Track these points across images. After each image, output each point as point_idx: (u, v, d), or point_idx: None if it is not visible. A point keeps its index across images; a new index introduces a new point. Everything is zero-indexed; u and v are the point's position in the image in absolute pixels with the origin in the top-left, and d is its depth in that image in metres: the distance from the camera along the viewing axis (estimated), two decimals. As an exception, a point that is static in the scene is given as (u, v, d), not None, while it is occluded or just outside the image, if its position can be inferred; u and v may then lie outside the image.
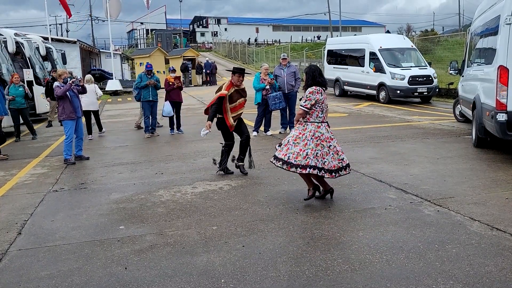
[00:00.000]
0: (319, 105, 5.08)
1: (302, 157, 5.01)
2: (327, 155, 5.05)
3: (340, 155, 5.16)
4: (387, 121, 12.16)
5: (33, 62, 15.81)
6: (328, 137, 5.11)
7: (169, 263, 3.84)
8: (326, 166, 5.03)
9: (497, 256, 3.70)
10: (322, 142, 5.05)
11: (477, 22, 9.35)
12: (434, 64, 18.93)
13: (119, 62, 39.37)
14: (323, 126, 5.13)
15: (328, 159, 5.05)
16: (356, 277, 3.45)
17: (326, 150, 5.06)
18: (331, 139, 5.14)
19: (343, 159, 5.17)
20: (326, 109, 5.20)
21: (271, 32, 78.74)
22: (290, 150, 5.12)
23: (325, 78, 5.31)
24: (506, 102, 6.77)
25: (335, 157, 5.09)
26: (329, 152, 5.07)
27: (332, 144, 5.12)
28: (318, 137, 5.06)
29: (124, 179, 6.92)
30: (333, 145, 5.13)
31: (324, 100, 5.13)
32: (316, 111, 5.10)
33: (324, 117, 5.16)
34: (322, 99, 5.08)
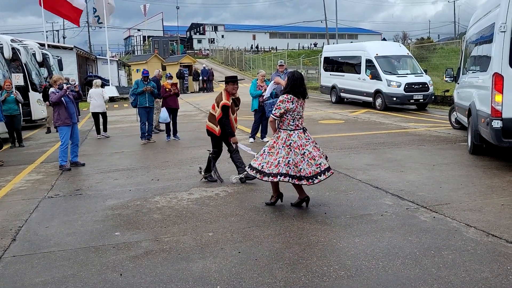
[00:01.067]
0: (290, 114, 5.02)
1: (274, 165, 5.01)
2: (301, 163, 4.96)
3: (317, 160, 5.00)
4: (383, 128, 12.19)
5: (29, 68, 15.78)
6: (301, 145, 5.00)
7: (165, 269, 3.82)
8: (302, 173, 4.95)
9: (493, 262, 3.70)
10: (295, 150, 4.98)
11: (472, 30, 9.42)
12: (430, 72, 19.04)
13: (116, 68, 39.39)
14: (295, 133, 5.04)
15: (303, 166, 4.96)
16: (352, 283, 3.44)
17: (300, 157, 4.97)
18: (305, 145, 5.02)
19: (321, 164, 5.02)
20: (298, 117, 5.09)
21: (268, 39, 79.03)
22: (265, 159, 5.11)
23: (305, 87, 5.22)
24: (501, 109, 6.80)
25: (310, 163, 4.97)
26: (304, 159, 4.97)
27: (306, 150, 5.00)
28: (289, 145, 5.00)
29: (120, 185, 6.89)
30: (308, 151, 5.00)
31: (297, 108, 5.03)
32: (287, 120, 5.05)
33: (297, 125, 5.08)
34: (293, 108, 4.99)
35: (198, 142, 10.69)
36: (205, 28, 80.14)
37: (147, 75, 11.33)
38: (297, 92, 5.06)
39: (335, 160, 8.07)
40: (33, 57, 17.09)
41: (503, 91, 6.80)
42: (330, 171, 5.14)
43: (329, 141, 10.07)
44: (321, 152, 5.22)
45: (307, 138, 5.12)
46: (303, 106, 5.19)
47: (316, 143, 5.22)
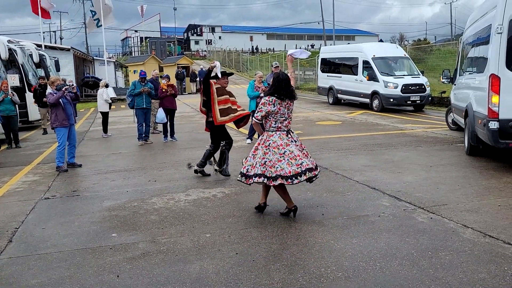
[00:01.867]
0: (272, 116, 4.92)
1: (252, 166, 4.98)
2: (279, 162, 4.83)
3: (298, 159, 4.84)
4: (380, 129, 12.21)
5: (26, 69, 15.74)
6: (281, 144, 4.88)
7: (162, 271, 3.81)
8: (279, 173, 4.81)
9: (490, 263, 3.71)
10: (273, 149, 4.87)
11: (469, 32, 9.46)
12: (427, 73, 19.10)
13: (113, 69, 39.31)
14: (276, 134, 4.93)
15: (282, 165, 4.81)
16: (349, 284, 3.44)
17: (278, 156, 4.84)
18: (287, 145, 4.89)
19: (302, 164, 4.83)
20: (282, 119, 4.94)
21: (265, 40, 79.13)
22: (249, 162, 5.06)
23: (293, 88, 5.06)
24: (498, 110, 6.82)
25: (291, 162, 4.81)
26: (283, 159, 4.83)
27: (287, 150, 4.86)
28: (268, 145, 4.91)
29: (117, 187, 6.88)
30: (289, 151, 4.86)
31: (279, 111, 4.89)
32: (269, 121, 4.96)
33: (280, 127, 4.94)
34: (274, 110, 4.87)
35: (195, 143, 10.68)
36: (203, 30, 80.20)
37: (144, 76, 11.33)
38: (282, 94, 4.90)
39: (332, 161, 8.08)
40: (30, 58, 17.04)
41: (499, 92, 6.82)
42: (313, 172, 4.92)
43: (326, 142, 10.08)
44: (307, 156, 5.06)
45: (290, 140, 4.97)
46: (290, 107, 5.02)
47: (303, 147, 5.13)
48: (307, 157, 5.03)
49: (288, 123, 5.03)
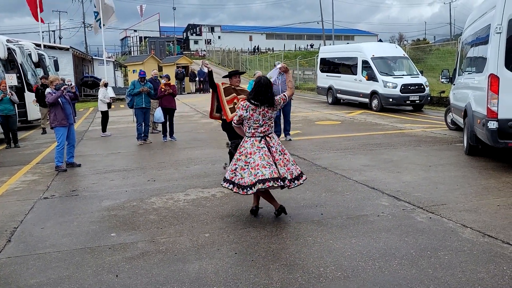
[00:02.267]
0: (246, 121, 4.86)
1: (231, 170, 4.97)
2: (242, 170, 4.80)
3: (257, 169, 4.67)
4: (379, 129, 12.21)
5: (25, 68, 15.73)
6: (250, 152, 4.78)
7: (161, 270, 3.81)
8: (240, 182, 4.80)
9: (489, 263, 3.71)
10: (241, 157, 4.86)
11: (468, 31, 9.46)
12: (426, 73, 19.10)
13: (112, 69, 39.31)
14: (250, 141, 4.86)
15: (243, 174, 4.78)
16: (349, 284, 3.44)
17: (242, 164, 4.82)
18: (254, 153, 4.76)
19: (257, 174, 4.66)
20: (256, 125, 4.82)
21: (265, 40, 79.14)
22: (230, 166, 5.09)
23: (273, 95, 4.91)
24: (497, 110, 6.83)
25: (251, 172, 4.72)
26: (245, 167, 4.78)
27: (252, 159, 4.75)
28: (241, 152, 4.90)
29: (116, 186, 6.87)
30: (253, 159, 4.74)
31: (252, 117, 4.79)
32: (245, 126, 4.93)
33: (253, 133, 4.84)
34: (247, 116, 4.80)
35: (194, 143, 10.67)
36: (202, 29, 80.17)
37: (143, 76, 11.32)
38: (259, 99, 4.80)
39: (332, 161, 8.08)
40: (29, 57, 17.03)
41: (498, 92, 6.82)
42: (269, 183, 4.65)
43: (325, 142, 10.08)
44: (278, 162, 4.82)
45: (260, 147, 4.79)
46: (267, 114, 4.84)
47: (282, 153, 4.90)
48: (272, 166, 4.74)
49: (265, 130, 4.86)
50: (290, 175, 4.87)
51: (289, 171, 4.88)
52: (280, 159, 4.86)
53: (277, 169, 4.77)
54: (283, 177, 4.79)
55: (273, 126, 5.04)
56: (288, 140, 10.51)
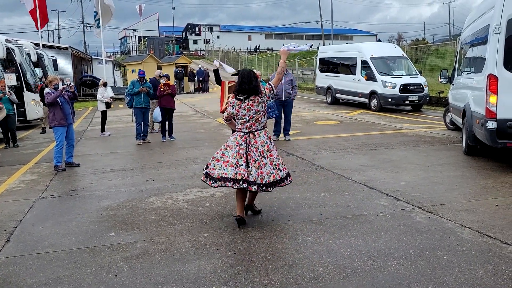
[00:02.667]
0: (235, 117, 4.83)
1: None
2: (216, 161, 4.79)
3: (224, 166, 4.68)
4: (378, 128, 12.22)
5: (24, 68, 15.70)
6: (229, 146, 4.77)
7: (160, 270, 3.81)
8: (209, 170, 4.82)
9: (487, 263, 3.72)
10: (222, 147, 4.86)
11: (467, 32, 9.47)
12: (425, 73, 19.11)
13: (111, 69, 39.24)
14: (235, 135, 4.82)
15: (215, 165, 4.79)
16: (347, 284, 3.45)
17: (219, 156, 4.81)
18: (231, 148, 4.73)
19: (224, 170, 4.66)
20: (243, 121, 4.75)
21: (264, 40, 79.10)
22: None
23: (257, 84, 4.81)
24: (496, 110, 6.84)
25: (220, 166, 4.73)
26: (220, 159, 4.77)
27: (226, 152, 4.76)
28: (225, 143, 4.90)
29: (115, 186, 6.87)
30: (227, 154, 4.74)
31: (238, 112, 4.74)
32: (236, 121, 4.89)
33: (240, 128, 4.78)
34: (234, 112, 4.78)
35: (193, 143, 10.67)
36: (201, 29, 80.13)
37: (143, 75, 11.32)
38: (241, 91, 4.74)
39: (331, 161, 8.09)
40: (28, 57, 17.00)
41: (497, 92, 6.84)
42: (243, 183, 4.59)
43: (324, 142, 10.08)
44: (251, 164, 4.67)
45: (239, 143, 4.70)
46: (252, 108, 4.73)
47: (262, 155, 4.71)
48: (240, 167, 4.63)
49: (250, 125, 4.74)
50: (261, 179, 4.64)
51: (262, 175, 4.65)
52: (256, 160, 4.67)
53: (246, 172, 4.62)
54: (248, 181, 4.61)
55: (262, 122, 4.82)
56: (287, 140, 10.52)
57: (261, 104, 4.81)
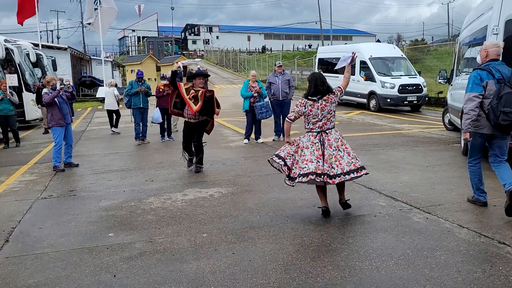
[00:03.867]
0: (305, 117, 5.06)
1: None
2: (297, 164, 4.96)
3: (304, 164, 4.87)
4: (377, 129, 12.24)
5: (23, 68, 15.70)
6: (303, 147, 4.98)
7: (159, 270, 3.82)
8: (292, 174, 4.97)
9: (485, 263, 3.73)
10: (298, 149, 5.05)
11: (466, 32, 9.49)
12: (424, 73, 19.15)
13: (110, 69, 39.26)
14: (307, 136, 5.05)
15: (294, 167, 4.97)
16: (345, 284, 3.46)
17: (297, 157, 5.00)
18: (306, 148, 4.95)
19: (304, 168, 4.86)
20: (314, 120, 5.00)
21: (263, 40, 79.08)
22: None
23: (329, 84, 5.11)
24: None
25: (299, 166, 4.93)
26: (299, 161, 4.97)
27: (303, 153, 4.96)
28: (298, 145, 5.09)
29: (114, 186, 6.88)
30: (303, 154, 4.95)
31: (311, 113, 4.98)
32: (304, 122, 5.13)
33: (312, 128, 5.02)
34: (306, 112, 4.99)
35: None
36: (200, 29, 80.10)
37: (141, 76, 11.33)
38: (319, 90, 4.98)
39: (329, 161, 8.09)
40: (27, 57, 17.00)
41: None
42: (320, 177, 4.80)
43: (323, 142, 10.08)
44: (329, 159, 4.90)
45: (314, 142, 4.95)
46: (325, 108, 4.98)
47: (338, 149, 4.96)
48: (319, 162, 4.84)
49: (322, 124, 4.99)
50: (342, 169, 4.86)
51: (341, 165, 4.87)
52: (333, 155, 4.90)
53: (323, 166, 4.84)
54: (329, 175, 4.85)
55: (333, 121, 5.10)
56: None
57: (334, 104, 5.07)
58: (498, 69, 4.88)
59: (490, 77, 4.86)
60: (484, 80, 4.87)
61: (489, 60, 5.00)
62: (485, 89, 4.87)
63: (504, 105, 4.66)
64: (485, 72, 4.90)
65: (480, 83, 4.88)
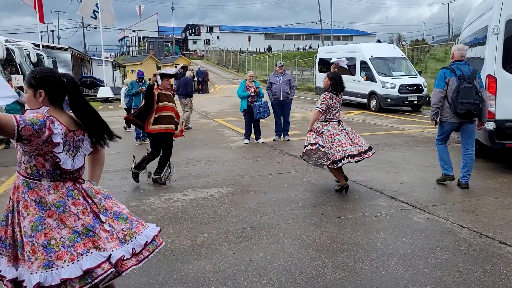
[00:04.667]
0: (329, 109, 5.88)
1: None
2: (331, 149, 5.78)
3: (345, 147, 5.78)
4: (377, 129, 12.24)
5: (24, 68, 15.70)
6: (333, 133, 5.86)
7: (160, 270, 3.82)
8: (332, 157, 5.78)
9: (486, 263, 3.73)
10: (327, 138, 5.85)
11: (466, 32, 9.49)
12: (424, 73, 19.14)
13: (111, 69, 39.27)
14: (329, 124, 5.91)
15: (332, 152, 5.78)
16: (346, 284, 3.46)
17: (330, 144, 5.82)
18: (337, 134, 5.86)
19: (346, 150, 5.78)
20: (335, 111, 5.95)
21: (263, 40, 79.15)
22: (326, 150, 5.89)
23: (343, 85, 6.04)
24: (494, 110, 6.85)
25: (338, 149, 5.78)
26: (333, 146, 5.80)
27: (337, 139, 5.84)
28: (326, 134, 5.87)
29: (115, 186, 6.88)
30: (338, 139, 5.84)
31: (334, 104, 5.90)
32: (326, 113, 5.91)
33: (333, 118, 5.93)
34: (332, 103, 5.88)
35: (193, 144, 10.68)
36: (200, 29, 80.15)
37: (142, 76, 11.34)
38: (340, 88, 5.94)
39: (330, 161, 8.09)
40: (28, 57, 17.01)
41: (496, 93, 6.85)
42: (356, 158, 5.82)
43: (324, 143, 10.08)
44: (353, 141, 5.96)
45: (340, 129, 5.94)
46: (340, 101, 6.05)
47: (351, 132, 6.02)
48: (352, 145, 5.87)
49: (338, 114, 6.03)
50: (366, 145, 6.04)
51: (364, 143, 6.04)
52: (353, 138, 5.99)
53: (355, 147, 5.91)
54: (362, 152, 5.94)
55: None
56: (287, 140, 10.53)
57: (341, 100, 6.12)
58: (460, 68, 5.90)
59: (452, 74, 5.90)
60: (447, 77, 5.92)
61: (454, 60, 6.06)
62: (448, 85, 5.89)
63: (462, 97, 5.71)
64: (449, 71, 5.96)
65: (443, 80, 5.93)
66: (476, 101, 5.69)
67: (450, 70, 5.93)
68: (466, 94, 5.67)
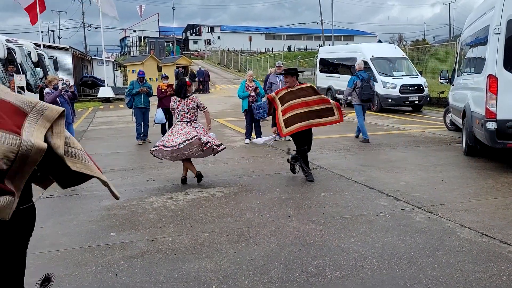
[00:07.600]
0: (176, 110, 6.71)
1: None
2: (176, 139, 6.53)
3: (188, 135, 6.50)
4: (378, 129, 12.23)
5: (25, 68, 15.71)
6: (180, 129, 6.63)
7: (160, 269, 3.82)
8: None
9: (487, 262, 3.73)
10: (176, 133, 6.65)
11: (467, 32, 9.48)
12: (425, 73, 19.13)
13: (112, 69, 39.27)
14: (179, 124, 6.69)
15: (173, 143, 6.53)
16: (347, 283, 3.45)
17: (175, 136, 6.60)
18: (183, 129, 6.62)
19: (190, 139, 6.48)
20: (183, 113, 6.68)
21: (264, 40, 79.10)
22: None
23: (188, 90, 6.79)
24: (496, 110, 6.85)
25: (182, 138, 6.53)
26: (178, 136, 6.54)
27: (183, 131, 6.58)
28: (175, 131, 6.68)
29: (116, 186, 6.81)
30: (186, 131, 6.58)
31: (179, 107, 6.69)
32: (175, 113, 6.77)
33: (182, 118, 6.70)
34: (175, 106, 6.72)
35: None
36: (201, 29, 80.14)
37: (142, 76, 11.33)
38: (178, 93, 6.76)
39: (331, 161, 8.10)
40: (29, 57, 17.01)
41: (497, 92, 6.85)
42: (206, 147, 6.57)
43: (325, 142, 10.09)
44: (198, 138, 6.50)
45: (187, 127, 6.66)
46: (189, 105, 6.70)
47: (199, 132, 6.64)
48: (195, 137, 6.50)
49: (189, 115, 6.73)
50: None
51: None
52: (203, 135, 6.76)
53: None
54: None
55: None
56: (288, 140, 10.52)
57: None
58: (361, 75, 10.11)
59: (357, 79, 10.06)
60: (355, 80, 10.07)
61: (359, 70, 10.28)
62: (355, 85, 10.02)
63: (364, 91, 9.97)
64: (355, 77, 10.15)
65: (352, 82, 10.09)
66: (370, 93, 10.04)
67: (356, 76, 10.13)
68: (365, 89, 9.96)
